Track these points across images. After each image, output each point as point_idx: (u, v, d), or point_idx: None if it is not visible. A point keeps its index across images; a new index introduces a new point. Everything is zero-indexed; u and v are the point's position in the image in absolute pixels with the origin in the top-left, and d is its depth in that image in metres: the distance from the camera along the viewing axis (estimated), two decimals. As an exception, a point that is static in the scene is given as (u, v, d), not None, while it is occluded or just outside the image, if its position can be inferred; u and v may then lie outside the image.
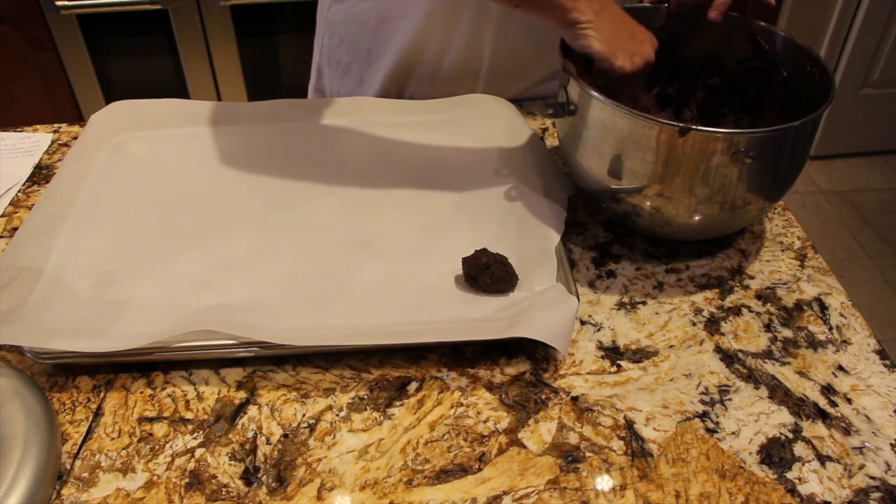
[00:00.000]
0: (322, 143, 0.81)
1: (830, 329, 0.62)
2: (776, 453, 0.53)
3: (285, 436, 0.54)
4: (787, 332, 0.62)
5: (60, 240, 0.67)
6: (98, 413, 0.55)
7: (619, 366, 0.59)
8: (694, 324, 0.63)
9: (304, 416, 0.55)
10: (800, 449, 0.53)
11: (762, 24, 0.72)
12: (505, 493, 0.50)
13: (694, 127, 0.57)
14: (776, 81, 0.73)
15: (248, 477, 0.51)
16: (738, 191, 0.61)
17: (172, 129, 0.82)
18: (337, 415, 0.55)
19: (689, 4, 0.72)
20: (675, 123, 0.58)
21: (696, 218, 0.64)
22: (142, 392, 0.57)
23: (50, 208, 0.70)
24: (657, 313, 0.64)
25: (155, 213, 0.71)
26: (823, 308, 0.64)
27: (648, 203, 0.64)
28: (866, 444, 0.54)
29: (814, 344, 0.61)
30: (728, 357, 0.60)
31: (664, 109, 0.80)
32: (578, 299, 0.60)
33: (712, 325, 0.63)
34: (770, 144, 0.60)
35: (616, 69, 0.65)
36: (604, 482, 0.51)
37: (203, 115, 0.83)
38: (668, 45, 0.74)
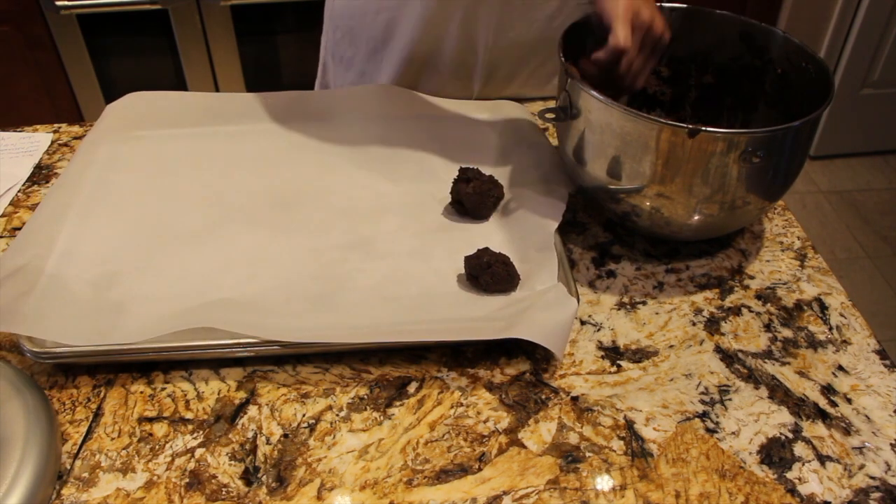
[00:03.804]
0: (323, 143, 0.81)
1: (830, 329, 0.62)
2: (776, 453, 0.53)
3: (285, 436, 0.54)
4: (787, 332, 0.62)
5: (63, 235, 0.67)
6: (98, 413, 0.55)
7: (619, 366, 0.59)
8: (694, 324, 0.63)
9: (304, 416, 0.55)
10: (800, 449, 0.53)
11: (754, 21, 0.72)
12: (505, 493, 0.50)
13: (704, 128, 0.57)
14: (770, 78, 0.72)
15: (248, 477, 0.51)
16: (738, 191, 0.61)
17: (182, 128, 0.82)
18: (337, 415, 0.55)
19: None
20: (684, 125, 0.57)
21: (696, 218, 0.64)
22: (142, 392, 0.57)
23: (59, 198, 0.71)
24: (657, 313, 0.64)
25: (158, 209, 0.72)
26: (823, 308, 0.64)
27: (648, 203, 0.64)
28: (866, 444, 0.54)
29: (814, 344, 0.61)
30: (728, 357, 0.60)
31: (655, 110, 0.79)
32: (578, 300, 0.60)
33: (712, 325, 0.63)
34: (776, 143, 0.59)
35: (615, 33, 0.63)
36: (604, 482, 0.51)
37: (216, 111, 0.84)
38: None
